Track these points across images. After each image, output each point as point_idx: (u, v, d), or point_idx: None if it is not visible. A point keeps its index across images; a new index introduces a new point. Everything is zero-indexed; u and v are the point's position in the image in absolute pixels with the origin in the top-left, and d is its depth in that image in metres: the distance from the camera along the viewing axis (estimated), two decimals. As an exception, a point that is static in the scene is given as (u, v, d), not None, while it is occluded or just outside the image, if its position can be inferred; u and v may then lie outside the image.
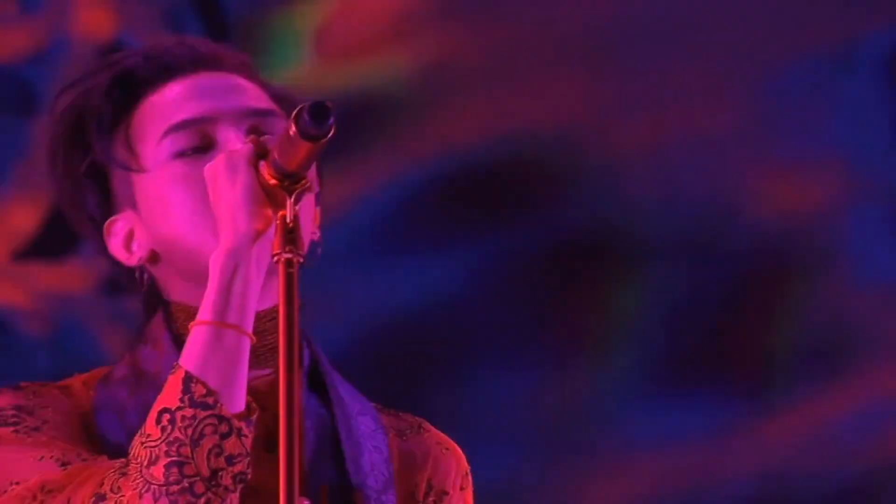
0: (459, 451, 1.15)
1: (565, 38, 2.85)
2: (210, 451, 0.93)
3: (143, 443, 0.94)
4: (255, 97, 1.11)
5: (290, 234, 0.96)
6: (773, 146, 2.85)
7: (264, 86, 1.14)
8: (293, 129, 0.94)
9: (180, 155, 1.08)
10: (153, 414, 0.95)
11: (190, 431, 0.93)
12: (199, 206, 1.05)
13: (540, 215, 2.82)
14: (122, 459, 0.97)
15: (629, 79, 2.85)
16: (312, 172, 1.01)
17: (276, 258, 0.95)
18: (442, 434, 1.16)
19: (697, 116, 2.87)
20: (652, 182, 2.85)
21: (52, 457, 1.00)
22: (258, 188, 0.99)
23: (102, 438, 1.05)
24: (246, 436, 0.96)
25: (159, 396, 0.96)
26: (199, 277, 1.05)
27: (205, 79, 1.12)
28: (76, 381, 1.11)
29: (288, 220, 0.97)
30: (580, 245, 2.85)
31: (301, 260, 0.96)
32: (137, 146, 1.10)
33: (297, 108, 0.94)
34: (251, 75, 1.14)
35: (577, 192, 2.84)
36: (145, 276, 1.13)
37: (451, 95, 2.85)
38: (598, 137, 2.84)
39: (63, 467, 0.99)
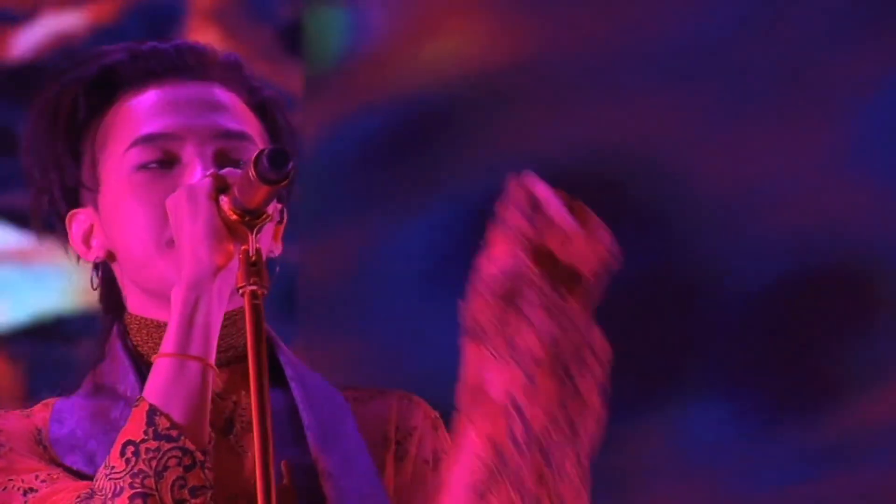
0: (423, 401, 1.15)
1: (653, 55, 2.78)
2: (174, 483, 0.94)
3: (107, 475, 0.95)
4: (231, 116, 1.11)
5: (254, 267, 0.98)
6: (864, 173, 2.74)
7: (252, 91, 1.15)
8: (252, 172, 0.96)
9: (143, 167, 1.09)
10: (117, 446, 0.96)
11: (154, 464, 0.94)
12: (152, 222, 1.07)
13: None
14: (85, 488, 0.99)
15: (716, 100, 2.78)
16: (273, 205, 1.03)
17: (241, 291, 0.98)
18: (403, 391, 1.17)
19: (785, 142, 2.77)
20: (741, 213, 2.76)
21: (13, 486, 1.02)
22: (219, 223, 1.00)
23: (53, 450, 1.07)
24: (209, 468, 0.97)
25: (123, 429, 0.97)
26: (148, 290, 1.10)
27: (183, 90, 1.12)
28: (39, 405, 1.13)
29: (251, 255, 0.99)
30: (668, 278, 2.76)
31: (265, 292, 0.98)
32: (104, 150, 1.12)
33: (257, 153, 0.96)
34: (239, 83, 1.14)
35: (656, 216, 2.77)
36: (103, 272, 1.16)
37: (526, 101, 2.80)
38: (683, 160, 2.77)
39: (25, 496, 1.01)
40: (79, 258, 1.17)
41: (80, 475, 1.04)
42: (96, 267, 1.17)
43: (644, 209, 2.71)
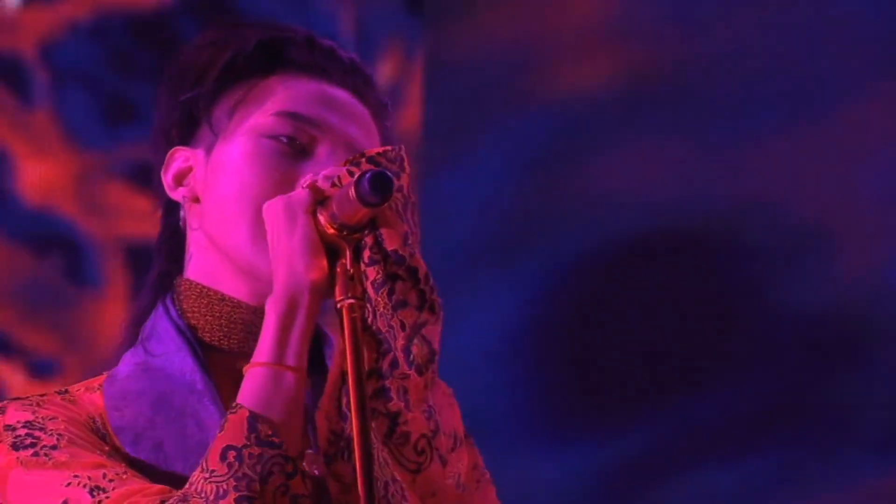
0: (440, 380, 1.10)
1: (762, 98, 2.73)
2: (276, 489, 0.95)
3: (206, 478, 0.94)
4: (365, 133, 1.13)
5: (351, 282, 1.00)
6: None
7: (383, 115, 1.17)
8: (352, 192, 0.97)
9: (275, 137, 1.11)
10: (216, 450, 0.95)
11: (259, 469, 0.94)
12: (258, 187, 1.08)
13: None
14: (164, 490, 0.97)
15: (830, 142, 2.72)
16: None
17: (339, 305, 0.99)
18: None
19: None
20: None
21: (79, 483, 0.98)
22: (316, 237, 1.02)
23: (117, 439, 1.05)
24: (310, 478, 0.98)
25: (219, 434, 0.96)
26: (221, 247, 1.11)
27: (338, 93, 1.15)
28: (78, 388, 1.11)
29: (348, 269, 1.00)
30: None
31: (363, 305, 0.99)
32: (247, 107, 1.13)
33: (360, 174, 0.98)
34: (377, 105, 1.17)
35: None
36: (178, 219, 1.16)
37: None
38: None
39: (93, 495, 0.98)
40: (159, 191, 1.16)
41: (145, 466, 1.02)
42: (168, 212, 1.18)
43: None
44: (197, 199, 1.14)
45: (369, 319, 1.00)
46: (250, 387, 0.99)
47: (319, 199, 1.03)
